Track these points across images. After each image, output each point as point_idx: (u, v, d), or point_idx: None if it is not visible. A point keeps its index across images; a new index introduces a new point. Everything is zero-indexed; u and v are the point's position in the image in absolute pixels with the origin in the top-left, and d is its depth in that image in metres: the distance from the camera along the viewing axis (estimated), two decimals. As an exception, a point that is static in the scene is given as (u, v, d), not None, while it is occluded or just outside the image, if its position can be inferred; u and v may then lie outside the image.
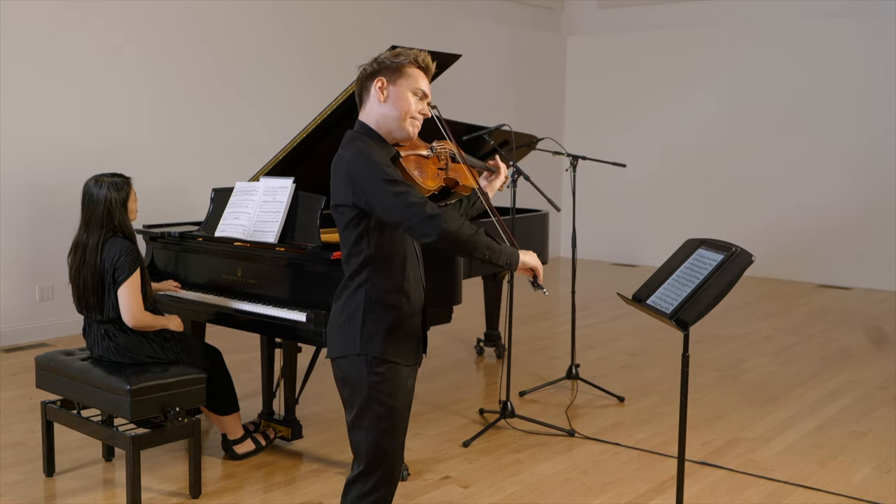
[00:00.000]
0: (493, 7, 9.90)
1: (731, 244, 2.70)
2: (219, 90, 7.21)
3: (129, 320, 3.58)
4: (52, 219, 6.21)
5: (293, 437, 4.16)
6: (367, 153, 2.38)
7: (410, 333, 2.51)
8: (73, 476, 3.84)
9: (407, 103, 2.47)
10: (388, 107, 2.47)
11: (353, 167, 2.37)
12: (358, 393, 2.45)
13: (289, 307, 3.72)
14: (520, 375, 5.38)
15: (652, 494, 3.71)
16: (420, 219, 2.29)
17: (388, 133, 2.50)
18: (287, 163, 4.35)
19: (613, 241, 10.43)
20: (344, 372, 2.48)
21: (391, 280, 2.45)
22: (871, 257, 8.88)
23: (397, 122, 2.48)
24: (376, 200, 2.33)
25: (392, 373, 2.45)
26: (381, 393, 2.44)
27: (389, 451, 2.48)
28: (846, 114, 8.99)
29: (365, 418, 2.45)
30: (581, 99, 10.85)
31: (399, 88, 2.47)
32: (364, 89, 2.52)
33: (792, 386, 5.39)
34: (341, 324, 2.47)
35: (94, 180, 3.64)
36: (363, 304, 2.43)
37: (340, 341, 2.47)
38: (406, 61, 2.49)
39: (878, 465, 4.08)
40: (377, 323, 2.43)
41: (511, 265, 2.44)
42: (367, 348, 2.42)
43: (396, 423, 2.48)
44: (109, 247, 3.57)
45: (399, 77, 2.48)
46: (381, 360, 2.42)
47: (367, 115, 2.51)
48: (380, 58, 2.52)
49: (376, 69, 2.49)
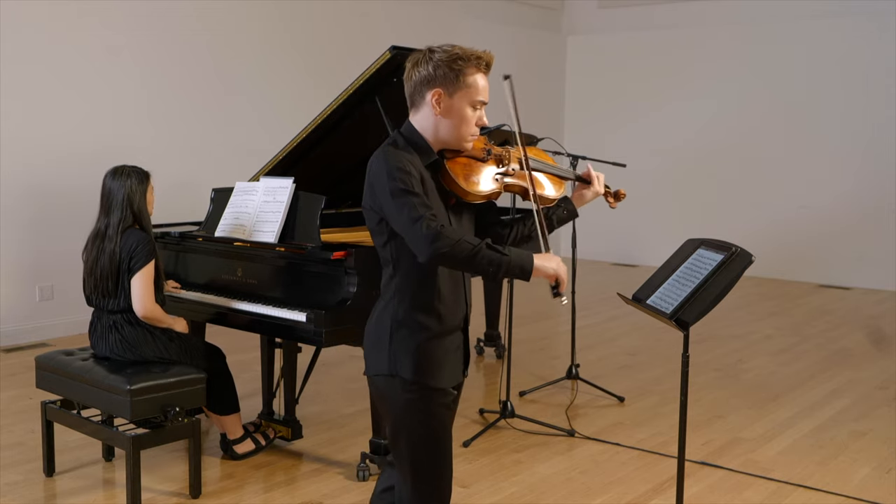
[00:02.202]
0: (493, 7, 9.90)
1: (731, 244, 2.70)
2: (219, 90, 7.21)
3: (140, 310, 3.59)
4: (53, 219, 6.22)
5: (293, 437, 4.16)
6: (390, 155, 2.20)
7: (446, 353, 2.31)
8: (73, 476, 3.84)
9: (467, 123, 2.27)
10: (444, 121, 2.26)
11: (374, 169, 2.22)
12: (392, 414, 2.32)
13: (289, 307, 3.71)
14: (520, 375, 5.38)
15: (652, 494, 3.71)
16: (415, 236, 2.12)
17: (441, 143, 2.31)
18: (287, 163, 4.35)
19: (613, 241, 10.43)
20: (379, 390, 2.35)
21: (418, 296, 2.27)
22: (871, 257, 8.88)
23: (454, 138, 2.29)
24: (386, 209, 2.19)
25: (426, 397, 2.28)
26: (415, 419, 2.29)
27: (430, 475, 2.33)
28: (846, 114, 8.99)
29: (401, 441, 2.32)
30: (581, 99, 10.85)
31: (458, 102, 2.25)
32: (417, 93, 2.29)
33: (792, 386, 5.39)
34: (374, 342, 2.33)
35: (115, 170, 3.69)
36: (389, 324, 2.28)
37: (373, 361, 2.33)
38: (466, 66, 2.24)
39: (878, 465, 4.08)
40: (405, 343, 2.26)
41: (524, 273, 2.20)
42: (396, 369, 2.26)
43: (432, 447, 2.32)
44: (127, 237, 3.59)
45: (458, 89, 2.24)
46: (413, 383, 2.26)
47: (418, 120, 2.31)
48: (435, 58, 2.24)
49: (432, 76, 2.24)
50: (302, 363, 4.32)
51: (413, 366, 2.25)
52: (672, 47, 10.05)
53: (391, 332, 2.27)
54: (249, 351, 5.46)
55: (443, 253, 2.11)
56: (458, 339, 2.37)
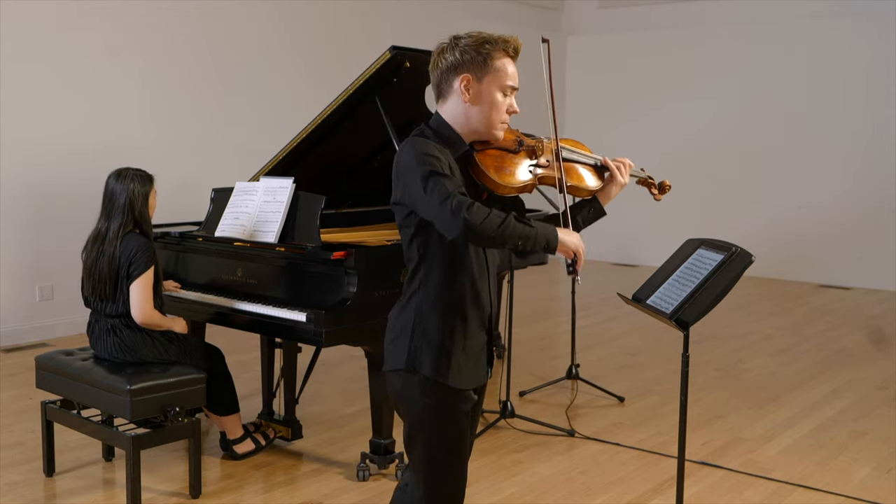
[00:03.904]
0: (493, 7, 9.90)
1: (731, 244, 2.70)
2: (219, 91, 7.21)
3: (138, 317, 3.58)
4: (53, 219, 6.22)
5: (293, 437, 4.16)
6: (418, 143, 2.13)
7: (468, 353, 2.25)
8: (73, 476, 3.84)
9: (497, 109, 2.22)
10: (473, 108, 2.21)
11: (401, 159, 2.15)
12: (410, 413, 2.27)
13: (289, 307, 3.71)
14: (520, 375, 5.38)
15: (652, 494, 3.71)
16: (444, 213, 2.03)
17: (472, 133, 2.25)
18: (287, 163, 4.35)
19: (613, 241, 10.42)
20: (396, 388, 2.29)
21: (443, 293, 2.20)
22: (871, 257, 8.88)
23: (484, 125, 2.23)
24: (415, 195, 2.10)
25: (446, 399, 2.22)
26: (433, 421, 2.23)
27: (442, 482, 2.28)
28: (846, 114, 8.99)
29: (417, 443, 2.27)
30: (581, 99, 10.84)
31: (487, 87, 2.20)
32: (444, 81, 2.22)
33: (792, 386, 5.39)
34: (393, 337, 2.27)
35: (118, 172, 3.67)
36: (413, 318, 2.21)
37: (392, 355, 2.26)
38: (494, 50, 2.19)
39: (878, 465, 4.08)
40: (426, 339, 2.20)
41: (549, 247, 2.15)
42: (415, 364, 2.20)
43: (447, 455, 2.26)
44: (127, 241, 3.58)
45: (486, 73, 2.19)
46: (434, 383, 2.20)
47: (447, 110, 2.24)
48: (462, 44, 2.19)
49: (460, 62, 2.18)
50: (302, 363, 4.32)
51: (434, 363, 2.19)
52: (672, 47, 10.05)
53: (413, 327, 2.21)
54: (249, 351, 5.46)
55: (473, 226, 2.01)
56: (482, 339, 2.30)
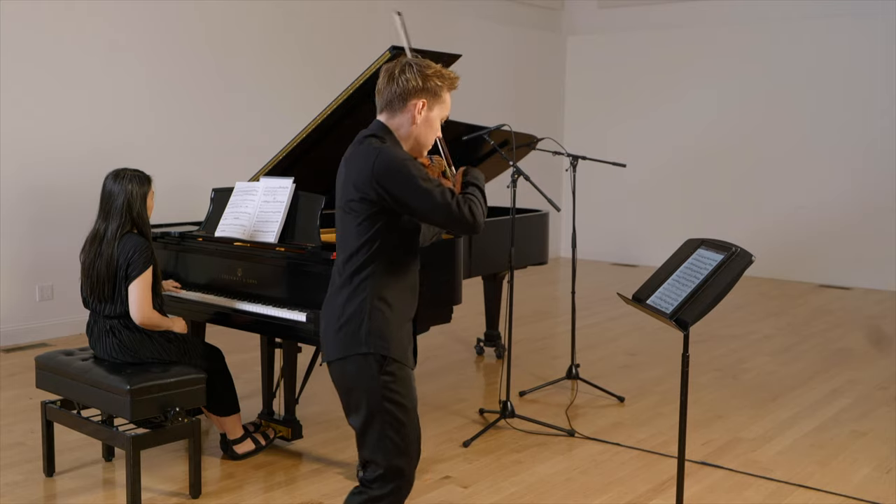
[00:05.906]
0: (493, 7, 9.90)
1: (731, 244, 2.70)
2: (219, 90, 7.21)
3: (137, 317, 3.58)
4: (52, 219, 6.22)
5: (293, 437, 4.16)
6: (393, 150, 2.36)
7: (408, 336, 2.47)
8: (73, 476, 3.84)
9: (433, 134, 2.50)
10: (419, 129, 2.46)
11: (385, 164, 2.32)
12: (367, 395, 2.37)
13: (289, 307, 3.72)
14: (520, 375, 5.38)
15: (652, 494, 3.71)
16: (453, 216, 2.32)
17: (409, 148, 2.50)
18: (287, 163, 4.35)
19: (613, 241, 10.43)
20: (348, 375, 2.39)
21: (395, 281, 2.41)
22: (870, 257, 8.88)
23: (421, 145, 2.50)
24: (415, 200, 2.31)
25: (402, 372, 2.40)
26: (395, 393, 2.37)
27: (407, 450, 2.42)
28: (846, 114, 8.99)
29: (377, 421, 2.37)
30: (581, 99, 10.85)
31: (433, 115, 2.47)
32: (400, 99, 2.44)
33: (792, 386, 5.39)
34: (341, 325, 2.38)
35: (116, 173, 3.66)
36: (368, 302, 2.36)
37: (342, 343, 2.38)
38: (444, 87, 2.48)
39: (878, 465, 4.08)
40: (381, 321, 2.36)
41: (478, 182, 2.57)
42: (374, 347, 2.35)
43: (412, 421, 2.43)
44: (125, 242, 3.57)
45: (436, 103, 2.47)
46: (392, 360, 2.37)
47: (394, 124, 2.47)
48: (427, 70, 2.45)
49: (421, 88, 2.43)
50: (302, 363, 4.32)
51: (390, 343, 2.37)
52: (672, 47, 10.05)
53: (369, 310, 2.37)
54: (249, 351, 5.47)
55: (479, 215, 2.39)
56: (411, 326, 2.52)
